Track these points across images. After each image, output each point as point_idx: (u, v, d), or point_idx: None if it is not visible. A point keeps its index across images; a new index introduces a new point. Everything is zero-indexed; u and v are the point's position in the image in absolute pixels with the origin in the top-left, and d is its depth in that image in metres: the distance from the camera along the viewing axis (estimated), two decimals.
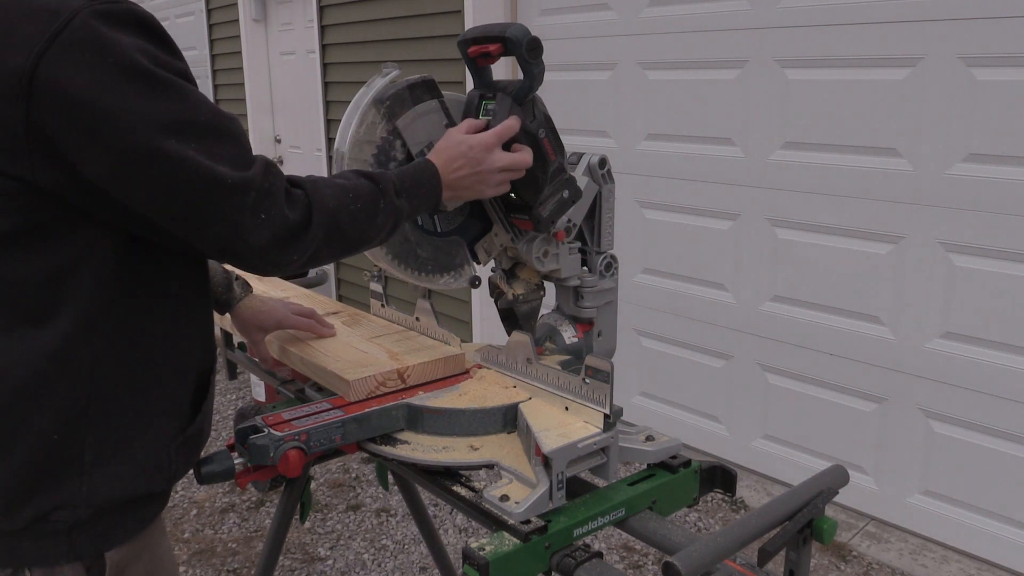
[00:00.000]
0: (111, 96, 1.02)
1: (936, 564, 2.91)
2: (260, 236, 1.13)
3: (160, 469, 1.23)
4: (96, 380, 1.14)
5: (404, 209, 1.31)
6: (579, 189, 1.51)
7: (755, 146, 3.25)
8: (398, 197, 1.30)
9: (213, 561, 3.08)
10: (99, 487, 1.16)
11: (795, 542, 1.28)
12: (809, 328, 3.22)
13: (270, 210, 1.13)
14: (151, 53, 1.06)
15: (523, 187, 1.46)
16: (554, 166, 1.46)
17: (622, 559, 3.02)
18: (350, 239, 1.24)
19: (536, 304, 1.65)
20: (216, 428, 4.24)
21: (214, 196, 1.09)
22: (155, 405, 1.21)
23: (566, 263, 1.57)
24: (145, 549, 1.27)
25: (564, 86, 3.90)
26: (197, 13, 6.70)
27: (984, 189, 2.69)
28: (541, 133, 1.43)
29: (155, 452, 1.22)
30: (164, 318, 1.22)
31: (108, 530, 1.20)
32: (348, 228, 1.23)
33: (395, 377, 1.52)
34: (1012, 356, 2.73)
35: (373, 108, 1.42)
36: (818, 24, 2.98)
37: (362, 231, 1.26)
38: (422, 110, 1.45)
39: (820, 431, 3.27)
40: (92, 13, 1.02)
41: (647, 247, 3.70)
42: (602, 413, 1.34)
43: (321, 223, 1.18)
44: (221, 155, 1.09)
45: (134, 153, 1.04)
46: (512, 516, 1.22)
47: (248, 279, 1.75)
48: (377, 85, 1.43)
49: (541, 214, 1.47)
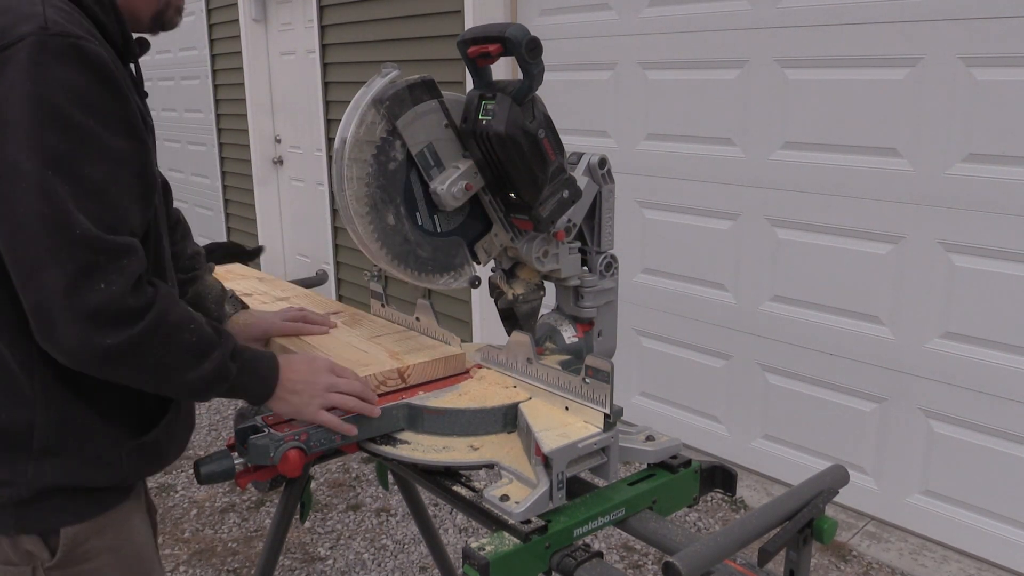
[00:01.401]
0: (15, 112, 1.06)
1: (936, 564, 2.91)
2: (86, 302, 1.09)
3: (109, 466, 1.28)
4: (48, 369, 1.19)
5: (231, 373, 1.27)
6: (579, 189, 1.50)
7: (755, 146, 3.25)
8: (232, 360, 1.27)
9: (213, 561, 3.08)
10: (44, 472, 1.22)
11: (795, 542, 1.28)
12: (809, 328, 3.22)
13: (111, 284, 1.10)
14: (80, 92, 1.09)
15: (523, 187, 1.46)
16: (554, 166, 1.46)
17: (622, 559, 3.02)
18: (166, 362, 1.19)
19: (536, 304, 1.65)
20: (216, 428, 4.24)
21: (59, 239, 1.07)
22: (109, 408, 1.27)
23: (566, 263, 1.57)
24: (109, 527, 1.31)
25: (564, 86, 3.90)
26: (197, 13, 6.69)
27: (984, 189, 2.69)
28: (541, 133, 1.43)
29: (106, 451, 1.27)
30: None
31: (57, 510, 1.25)
32: (171, 350, 1.19)
33: (395, 376, 1.53)
34: (1012, 356, 2.73)
35: (372, 108, 1.42)
36: (818, 24, 2.98)
37: (181, 362, 1.20)
38: (422, 110, 1.45)
39: (820, 431, 3.27)
40: (37, 42, 1.07)
41: (647, 247, 3.70)
42: (602, 413, 1.34)
43: (151, 328, 1.15)
44: (88, 209, 1.09)
45: (4, 165, 1.06)
46: (512, 516, 1.22)
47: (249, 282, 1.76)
48: (377, 85, 1.43)
49: (541, 214, 1.47)
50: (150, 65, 7.72)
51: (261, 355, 1.36)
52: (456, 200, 1.48)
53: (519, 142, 1.41)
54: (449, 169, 1.48)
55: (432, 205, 1.50)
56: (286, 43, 5.94)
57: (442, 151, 1.48)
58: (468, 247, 1.57)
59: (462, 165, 1.48)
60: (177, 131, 7.43)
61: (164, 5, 1.35)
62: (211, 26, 6.60)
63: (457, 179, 1.47)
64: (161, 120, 7.74)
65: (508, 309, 1.64)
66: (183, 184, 7.52)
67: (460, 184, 1.47)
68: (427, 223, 1.53)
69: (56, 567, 1.27)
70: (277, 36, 6.04)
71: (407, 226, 1.48)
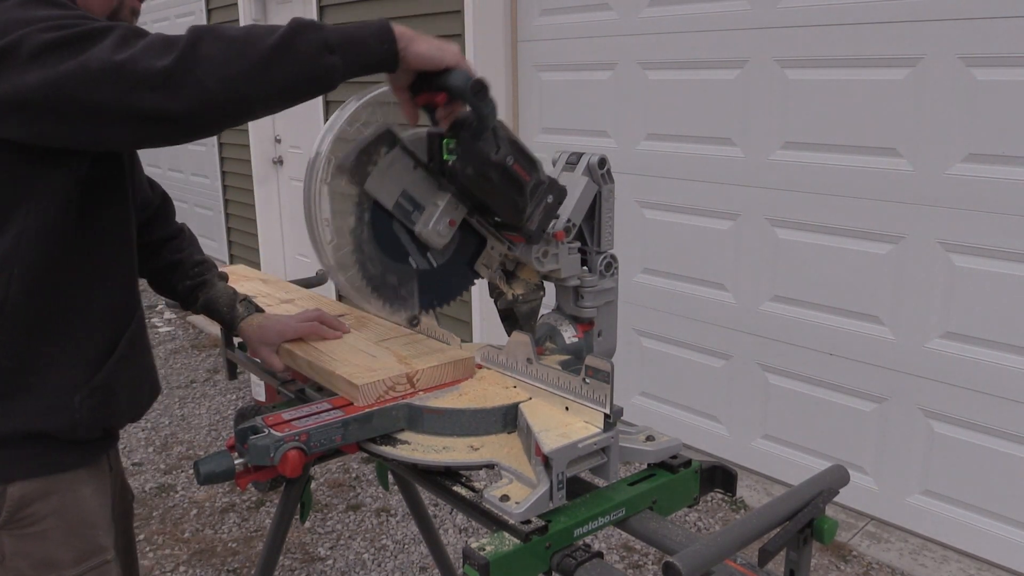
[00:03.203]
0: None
1: (936, 564, 2.91)
2: (134, 65, 1.07)
3: (62, 411, 1.31)
4: (4, 316, 1.23)
5: (318, 24, 1.18)
6: (563, 188, 1.48)
7: (755, 146, 3.25)
8: (331, 53, 1.17)
9: (213, 561, 3.08)
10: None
11: (795, 542, 1.28)
12: (809, 328, 3.22)
13: (137, 42, 1.11)
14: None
15: (505, 214, 1.44)
16: (531, 185, 1.42)
17: (622, 559, 3.02)
18: (237, 39, 1.13)
19: (536, 304, 1.64)
20: (216, 428, 4.24)
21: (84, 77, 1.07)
22: (63, 354, 1.31)
23: (566, 263, 1.56)
24: (56, 492, 1.33)
25: (564, 86, 3.90)
26: (197, 13, 6.69)
27: (984, 189, 2.69)
28: (509, 160, 1.37)
29: (60, 395, 1.30)
30: (82, 280, 1.31)
31: (6, 462, 1.28)
32: (228, 34, 1.14)
33: (404, 381, 1.52)
34: (1012, 356, 2.73)
35: (340, 176, 1.40)
36: (818, 24, 2.98)
37: (250, 36, 1.14)
38: (385, 164, 1.41)
39: (820, 431, 3.27)
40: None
41: (647, 247, 3.70)
42: (602, 413, 1.34)
43: (194, 32, 1.13)
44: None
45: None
46: (512, 516, 1.21)
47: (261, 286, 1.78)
48: (328, 146, 1.40)
49: (530, 228, 1.45)
50: None
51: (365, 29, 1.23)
52: (442, 237, 1.47)
53: (490, 176, 1.37)
54: (429, 208, 1.46)
55: (423, 244, 1.49)
56: None
57: (417, 193, 1.45)
58: (468, 266, 1.56)
59: (440, 201, 1.45)
60: None
61: (119, 5, 1.36)
62: None
63: (439, 217, 1.45)
64: None
65: (508, 309, 1.64)
66: (183, 184, 7.52)
67: (443, 221, 1.45)
68: (423, 263, 1.52)
69: (1, 527, 1.29)
70: None
71: (398, 273, 1.48)
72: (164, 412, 4.45)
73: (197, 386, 4.82)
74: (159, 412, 4.45)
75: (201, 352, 5.42)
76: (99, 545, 1.40)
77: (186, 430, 4.23)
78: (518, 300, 1.62)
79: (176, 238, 1.81)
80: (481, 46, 4.07)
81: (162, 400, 4.61)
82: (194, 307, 1.79)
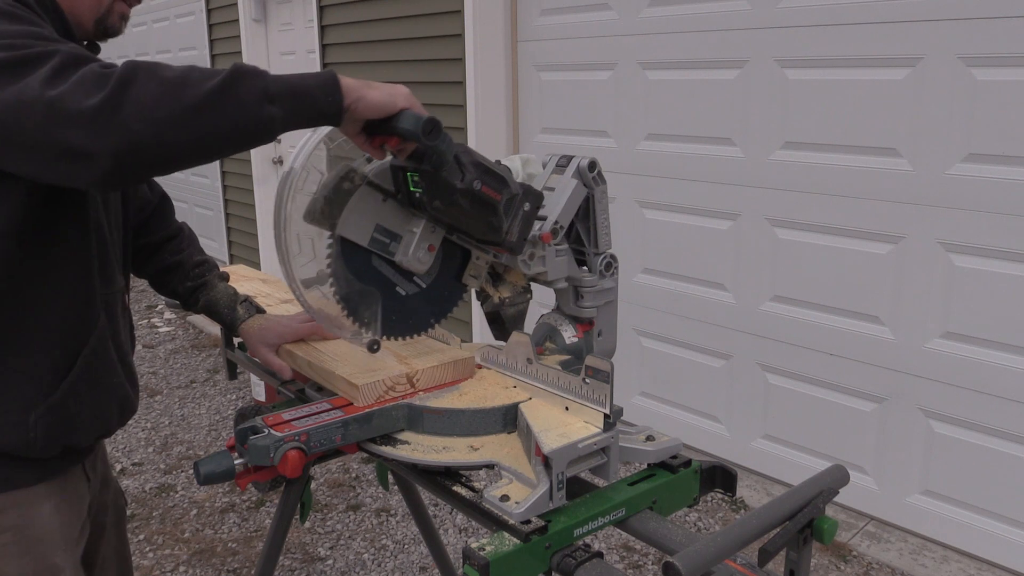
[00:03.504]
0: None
1: (936, 564, 2.91)
2: (62, 100, 1.03)
3: (17, 429, 1.30)
4: None
5: (258, 71, 1.15)
6: (538, 193, 1.45)
7: (755, 146, 3.25)
8: (271, 103, 1.14)
9: (213, 561, 3.08)
10: None
11: (795, 542, 1.28)
12: (809, 328, 3.22)
13: (75, 72, 1.06)
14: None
15: (483, 234, 1.43)
16: (503, 202, 1.39)
17: (622, 559, 3.02)
18: (170, 79, 1.08)
19: (523, 307, 1.62)
20: (216, 428, 4.24)
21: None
22: (18, 372, 1.30)
23: (552, 265, 1.54)
24: (13, 507, 1.33)
25: (564, 86, 3.90)
26: (197, 13, 6.69)
27: (984, 189, 2.69)
28: (476, 185, 1.34)
29: (15, 413, 1.30)
30: (35, 299, 1.30)
31: None
32: (162, 74, 1.08)
33: (404, 381, 1.52)
34: (1012, 356, 2.73)
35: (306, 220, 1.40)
36: (818, 24, 2.98)
37: (185, 80, 1.08)
38: (354, 204, 1.39)
39: (820, 431, 3.27)
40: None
41: (647, 247, 3.70)
42: (602, 413, 1.34)
43: (127, 68, 1.06)
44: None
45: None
46: (512, 516, 1.21)
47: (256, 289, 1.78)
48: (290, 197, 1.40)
49: (511, 241, 1.43)
50: None
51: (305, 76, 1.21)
52: (423, 263, 1.46)
53: (459, 204, 1.34)
54: (406, 236, 1.44)
55: (407, 271, 1.48)
56: (286, 43, 5.94)
57: (391, 224, 1.44)
58: (457, 279, 1.55)
59: (416, 228, 1.44)
60: None
61: (107, 11, 1.35)
62: (211, 26, 6.60)
63: (417, 244, 1.44)
64: None
65: (494, 313, 1.62)
66: (183, 184, 7.52)
67: (422, 247, 1.45)
68: (411, 288, 1.51)
69: None
70: (277, 36, 6.04)
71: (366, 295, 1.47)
72: (164, 412, 4.45)
73: (197, 386, 4.82)
74: (159, 412, 4.45)
75: (201, 352, 5.41)
76: (52, 564, 1.38)
77: (186, 430, 4.23)
78: (504, 303, 1.60)
79: (175, 238, 1.81)
80: (481, 46, 4.07)
81: (162, 400, 4.61)
82: (195, 308, 1.80)
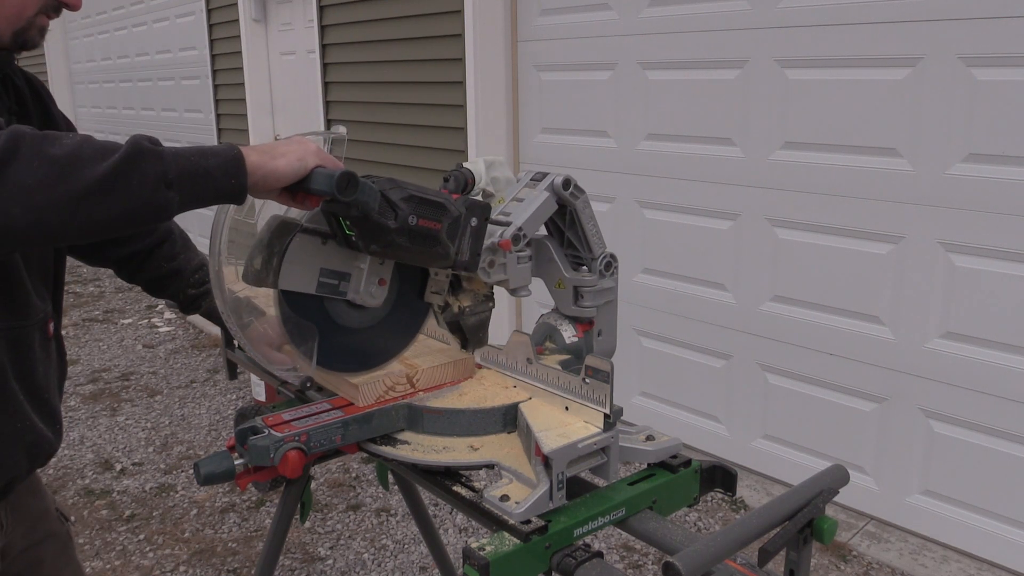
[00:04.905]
0: None
1: (936, 564, 2.91)
2: None
3: None
4: None
5: (157, 147, 1.08)
6: (485, 204, 1.39)
7: (755, 146, 3.25)
8: (168, 188, 1.07)
9: (213, 561, 3.08)
10: None
11: (795, 542, 1.28)
12: (809, 328, 3.22)
13: None
14: None
15: (431, 263, 1.40)
16: (444, 229, 1.33)
17: (622, 559, 3.02)
18: (58, 158, 1.01)
19: (484, 316, 1.58)
20: (216, 428, 4.24)
21: None
22: None
23: (514, 272, 1.50)
24: None
25: (564, 86, 3.90)
26: (197, 13, 6.69)
27: (984, 189, 2.69)
28: (412, 220, 1.28)
29: None
30: None
31: None
32: (51, 148, 1.01)
33: (404, 381, 1.52)
34: (1012, 356, 2.73)
35: (246, 280, 1.38)
36: (818, 24, 2.98)
37: (75, 159, 1.02)
38: (293, 255, 1.35)
39: (820, 431, 3.27)
40: None
41: (647, 247, 3.70)
42: (602, 413, 1.34)
43: (8, 145, 0.99)
44: None
45: None
46: (512, 516, 1.22)
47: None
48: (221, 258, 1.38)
49: (463, 260, 1.39)
50: (150, 65, 7.73)
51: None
52: (376, 298, 1.43)
53: (397, 243, 1.29)
54: (354, 273, 1.41)
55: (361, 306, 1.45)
56: (286, 43, 5.94)
57: (336, 264, 1.39)
58: (420, 297, 1.52)
59: (363, 264, 1.40)
60: (177, 131, 7.42)
61: (27, 24, 1.30)
62: (211, 26, 6.60)
63: (367, 280, 1.41)
64: (161, 120, 7.74)
65: (455, 323, 1.57)
66: None
67: (372, 282, 1.41)
68: (373, 319, 1.49)
69: None
70: (277, 36, 6.04)
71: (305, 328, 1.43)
72: (164, 412, 4.45)
73: (197, 386, 4.82)
74: (159, 412, 4.45)
75: (201, 352, 5.41)
76: None
77: (186, 430, 4.23)
78: (464, 313, 1.56)
79: (166, 241, 1.75)
80: (481, 46, 4.07)
81: (162, 400, 4.61)
82: (195, 312, 1.78)
